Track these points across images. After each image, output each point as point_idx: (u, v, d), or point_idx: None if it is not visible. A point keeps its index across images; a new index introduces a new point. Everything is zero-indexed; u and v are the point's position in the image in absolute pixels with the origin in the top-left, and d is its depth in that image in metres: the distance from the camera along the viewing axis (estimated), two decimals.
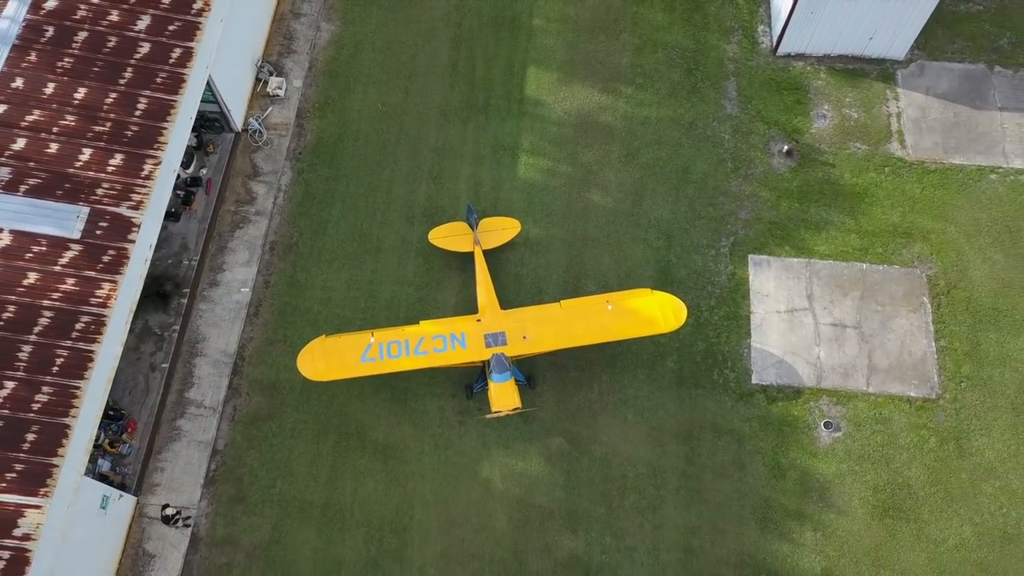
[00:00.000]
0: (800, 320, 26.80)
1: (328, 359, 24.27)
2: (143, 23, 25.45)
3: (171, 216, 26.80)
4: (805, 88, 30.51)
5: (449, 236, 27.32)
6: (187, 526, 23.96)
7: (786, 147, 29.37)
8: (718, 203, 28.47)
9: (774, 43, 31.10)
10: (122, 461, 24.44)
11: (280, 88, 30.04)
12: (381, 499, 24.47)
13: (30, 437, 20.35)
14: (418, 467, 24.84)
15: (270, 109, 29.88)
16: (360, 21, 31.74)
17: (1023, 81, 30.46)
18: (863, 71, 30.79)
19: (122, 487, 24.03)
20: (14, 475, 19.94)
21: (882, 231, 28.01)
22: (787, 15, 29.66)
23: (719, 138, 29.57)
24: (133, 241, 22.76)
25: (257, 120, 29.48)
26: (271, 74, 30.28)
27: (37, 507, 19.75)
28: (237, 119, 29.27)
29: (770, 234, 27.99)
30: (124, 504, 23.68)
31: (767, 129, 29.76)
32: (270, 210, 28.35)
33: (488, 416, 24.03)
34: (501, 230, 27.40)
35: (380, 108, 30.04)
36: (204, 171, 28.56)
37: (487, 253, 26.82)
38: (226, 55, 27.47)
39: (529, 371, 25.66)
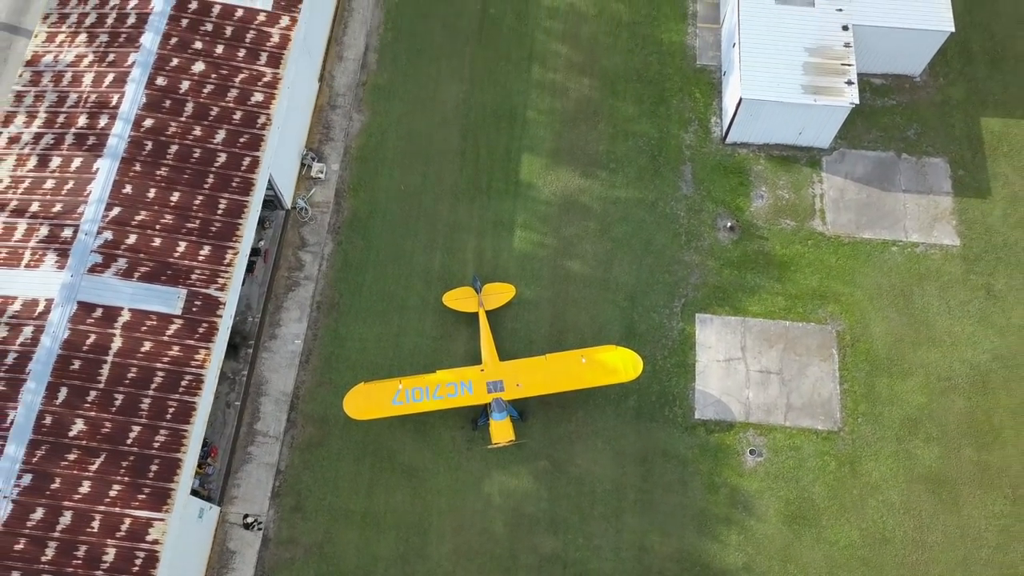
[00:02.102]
0: (735, 367, 34.09)
1: (367, 402, 31.66)
2: (220, 136, 32.50)
3: None
4: (747, 172, 37.55)
5: (459, 299, 34.53)
6: (260, 529, 31.40)
7: (730, 223, 36.49)
8: (673, 270, 35.63)
9: (724, 133, 38.07)
10: (208, 479, 31.80)
11: (321, 172, 37.09)
12: (407, 508, 31.87)
13: (153, 468, 27.68)
14: (435, 484, 32.21)
15: (313, 190, 36.97)
16: (385, 112, 38.71)
17: (924, 167, 37.50)
18: (795, 157, 37.82)
19: (208, 500, 31.42)
20: (144, 496, 27.30)
21: (803, 294, 35.19)
22: (732, 114, 36.65)
23: (676, 215, 36.67)
24: (220, 316, 29.99)
25: (303, 199, 36.59)
26: (314, 160, 37.29)
27: (161, 520, 27.10)
28: (287, 199, 36.35)
29: (714, 296, 35.18)
30: (212, 513, 31.13)
31: (715, 207, 36.85)
32: (316, 275, 35.54)
33: (489, 447, 31.44)
34: (500, 294, 34.62)
35: (402, 189, 37.10)
36: (262, 243, 35.64)
37: (489, 313, 34.05)
38: (281, 152, 34.51)
39: (522, 407, 32.93)
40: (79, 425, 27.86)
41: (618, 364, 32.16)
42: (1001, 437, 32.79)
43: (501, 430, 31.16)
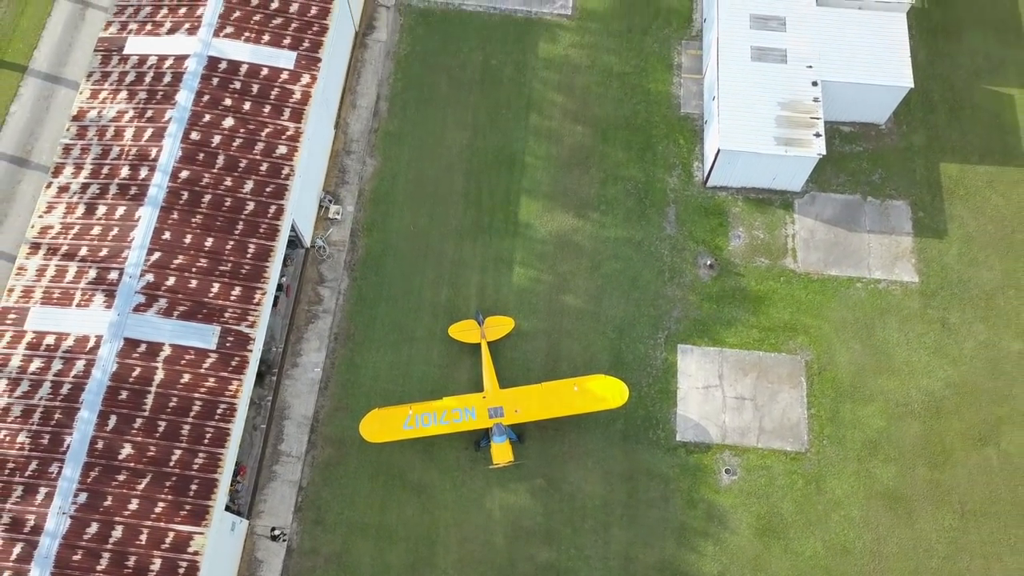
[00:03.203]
0: (713, 394, 37.66)
1: (381, 426, 35.24)
2: (248, 186, 36.07)
3: None
4: (726, 213, 41.13)
5: (463, 331, 38.10)
6: (284, 541, 34.98)
7: (709, 261, 40.07)
8: (657, 305, 39.20)
9: (705, 177, 41.63)
10: (237, 496, 35.36)
11: (338, 213, 40.67)
12: (416, 522, 35.42)
13: (193, 487, 31.24)
14: (442, 499, 35.77)
15: (330, 230, 40.55)
16: (395, 158, 42.29)
17: (887, 209, 41.08)
18: (769, 200, 41.40)
19: (238, 514, 34.97)
20: (185, 512, 30.84)
21: (775, 327, 38.77)
22: (712, 161, 40.24)
23: (660, 253, 40.24)
24: (251, 351, 33.54)
25: (321, 239, 40.16)
26: (331, 202, 40.86)
27: (201, 533, 30.64)
28: (307, 238, 39.88)
29: (694, 329, 38.75)
30: (242, 526, 34.69)
31: (696, 246, 40.43)
32: (333, 308, 39.11)
33: (491, 467, 35.03)
34: (500, 326, 38.18)
35: (411, 229, 40.67)
36: (284, 279, 39.16)
37: (490, 343, 37.62)
38: (302, 198, 38.06)
39: (520, 430, 36.47)
40: (127, 449, 31.41)
41: (606, 392, 35.72)
42: (952, 458, 36.36)
43: (501, 452, 34.74)
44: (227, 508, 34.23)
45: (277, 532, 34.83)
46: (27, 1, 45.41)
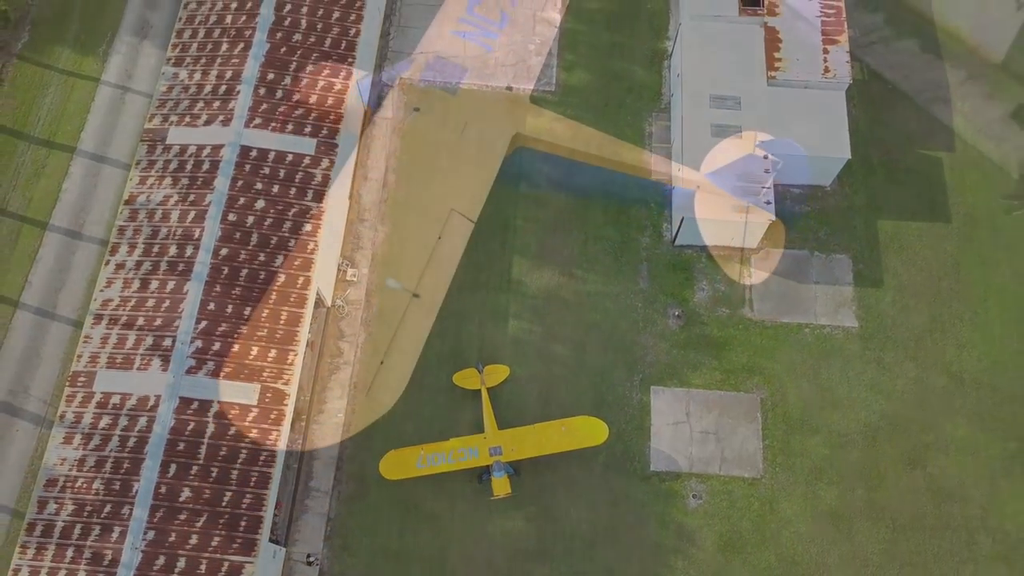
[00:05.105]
0: (681, 429, 43.75)
1: (397, 465, 41.26)
2: (279, 261, 42.02)
3: None
4: (692, 268, 47.20)
5: (465, 378, 44.09)
6: (317, 565, 40.97)
7: (677, 312, 46.16)
8: (633, 351, 45.26)
9: (673, 237, 47.71)
10: (275, 527, 41.26)
11: (354, 276, 46.64)
12: (429, 546, 41.39)
13: (242, 523, 37.21)
14: (450, 526, 41.74)
15: (348, 290, 46.51)
16: (403, 224, 48.04)
17: (832, 263, 47.18)
18: (730, 256, 47.49)
19: (277, 543, 40.90)
20: (236, 545, 36.82)
21: (735, 369, 44.86)
22: (678, 224, 46.33)
23: (634, 306, 46.30)
24: (286, 404, 39.54)
25: (341, 299, 46.12)
26: (348, 266, 46.81)
27: (251, 562, 36.63)
28: (327, 298, 45.85)
29: (665, 372, 44.83)
30: (281, 553, 40.66)
31: (666, 299, 46.50)
32: (353, 360, 45.08)
33: (491, 499, 41.09)
34: (498, 373, 44.17)
35: (417, 288, 46.62)
36: (310, 336, 44.99)
37: (489, 389, 43.61)
38: (324, 265, 44.00)
39: (517, 465, 42.43)
40: (186, 492, 37.38)
41: (590, 431, 41.80)
42: (886, 480, 42.53)
43: (501, 486, 40.78)
44: (268, 539, 40.17)
45: (312, 559, 40.82)
46: (73, 87, 51.21)
